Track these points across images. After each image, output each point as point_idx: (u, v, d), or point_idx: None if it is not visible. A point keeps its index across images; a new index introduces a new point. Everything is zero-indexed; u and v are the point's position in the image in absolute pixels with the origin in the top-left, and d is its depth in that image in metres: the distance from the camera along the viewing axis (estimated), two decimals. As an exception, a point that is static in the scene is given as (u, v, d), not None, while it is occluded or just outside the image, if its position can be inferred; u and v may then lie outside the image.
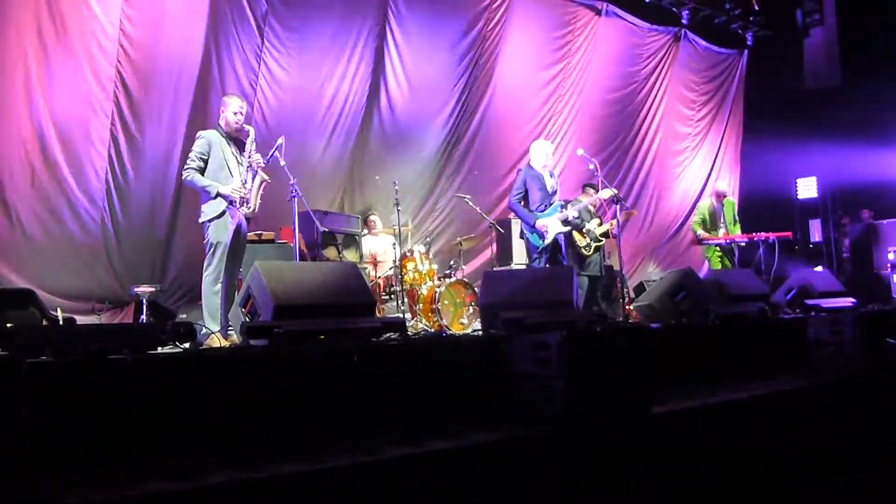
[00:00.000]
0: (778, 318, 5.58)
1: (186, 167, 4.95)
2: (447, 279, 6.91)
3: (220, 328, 4.76)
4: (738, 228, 8.28)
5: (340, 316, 3.59)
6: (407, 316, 6.62)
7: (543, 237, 6.28)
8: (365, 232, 7.93)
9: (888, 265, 9.39)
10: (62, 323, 4.12)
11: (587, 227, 7.54)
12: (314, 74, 7.91)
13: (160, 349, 3.13)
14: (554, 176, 6.63)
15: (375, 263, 7.51)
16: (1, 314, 3.33)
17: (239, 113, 5.10)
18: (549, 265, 6.26)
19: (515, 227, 7.76)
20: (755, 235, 7.96)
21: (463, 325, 6.69)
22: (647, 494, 3.19)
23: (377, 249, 7.74)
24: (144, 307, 6.30)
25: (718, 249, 8.16)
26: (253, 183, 5.02)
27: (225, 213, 4.86)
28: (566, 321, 4.07)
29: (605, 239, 7.65)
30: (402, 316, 6.14)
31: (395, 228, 7.14)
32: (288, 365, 3.05)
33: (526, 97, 9.74)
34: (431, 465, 2.67)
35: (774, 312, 5.67)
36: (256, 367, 2.99)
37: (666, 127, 11.29)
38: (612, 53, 10.45)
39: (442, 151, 9.03)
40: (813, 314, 5.48)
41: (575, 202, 7.11)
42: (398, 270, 7.07)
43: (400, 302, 7.03)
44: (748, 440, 3.78)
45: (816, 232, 11.54)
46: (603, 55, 10.33)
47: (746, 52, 12.01)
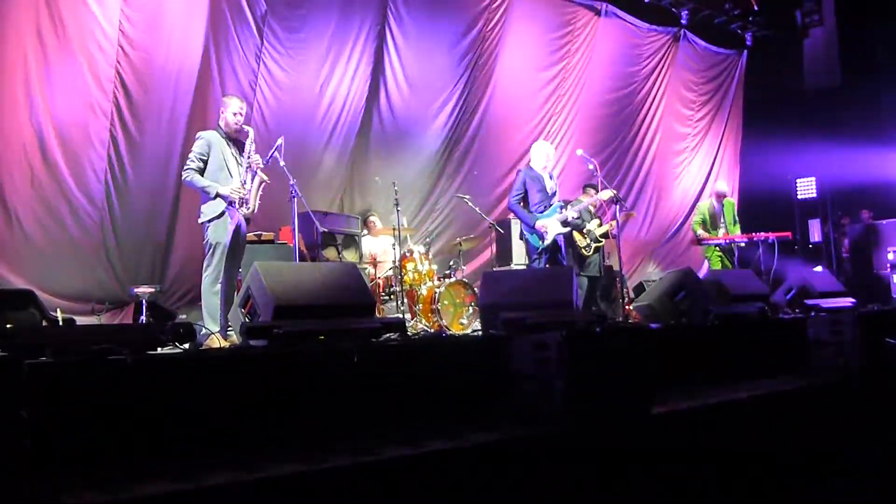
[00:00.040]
0: (778, 318, 5.58)
1: (186, 168, 4.96)
2: (447, 279, 6.91)
3: (219, 328, 4.77)
4: (737, 229, 8.29)
5: (340, 316, 3.59)
6: (407, 316, 6.62)
7: (543, 238, 6.28)
8: (365, 232, 7.93)
9: (888, 265, 9.39)
10: (62, 323, 4.11)
11: (587, 227, 7.55)
12: (314, 75, 7.91)
13: (160, 350, 3.13)
14: (553, 177, 6.64)
15: (375, 264, 7.51)
16: (1, 315, 3.33)
17: (238, 114, 5.11)
18: (548, 266, 6.26)
19: (515, 227, 7.76)
20: (755, 235, 7.97)
21: (463, 325, 6.70)
22: (647, 494, 3.19)
23: (377, 250, 7.74)
24: (144, 308, 6.30)
25: (718, 249, 8.17)
26: (252, 183, 5.03)
27: (224, 213, 4.87)
28: (566, 321, 4.07)
29: (604, 240, 7.65)
30: (401, 316, 6.14)
31: (394, 229, 7.14)
32: (288, 365, 3.05)
33: (526, 97, 9.74)
34: (431, 465, 2.67)
35: (774, 312, 5.67)
36: (256, 367, 2.99)
37: (665, 127, 11.29)
38: (611, 54, 10.45)
39: (442, 151, 9.02)
40: (813, 314, 5.48)
41: (575, 202, 7.12)
42: (398, 271, 7.07)
43: (400, 302, 7.02)
44: (748, 440, 3.78)
45: (816, 232, 11.53)
46: (602, 55, 10.34)
47: (746, 52, 12.02)
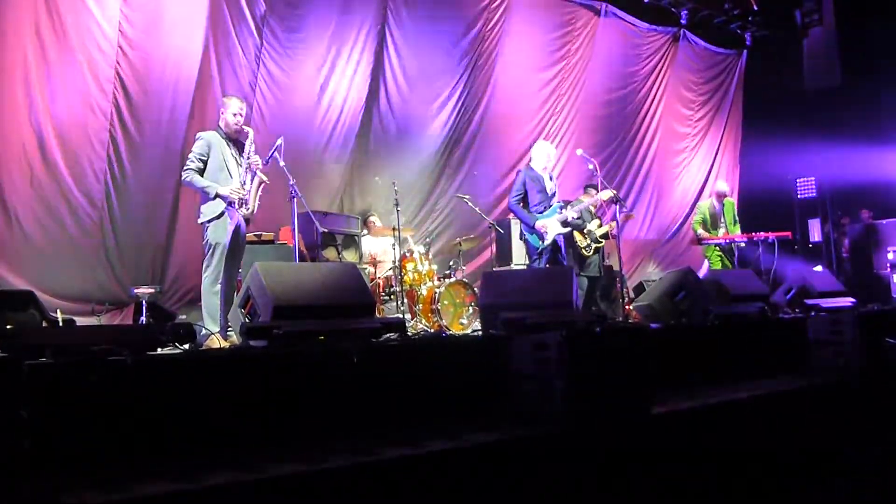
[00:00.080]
0: (778, 318, 5.58)
1: (186, 168, 4.97)
2: (447, 279, 6.91)
3: (219, 329, 4.77)
4: (737, 229, 8.29)
5: (340, 316, 3.59)
6: (406, 316, 6.62)
7: (543, 238, 6.27)
8: (364, 232, 7.93)
9: (888, 265, 9.39)
10: (62, 324, 4.11)
11: (588, 227, 7.54)
12: (313, 75, 7.90)
13: (160, 350, 3.13)
14: (553, 178, 6.64)
15: (375, 264, 7.51)
16: (1, 315, 3.33)
17: (238, 114, 5.11)
18: (549, 266, 6.26)
19: (515, 227, 7.76)
20: (755, 235, 7.97)
21: (463, 325, 6.70)
22: (647, 494, 3.19)
23: (377, 250, 7.74)
24: (144, 308, 6.30)
25: (718, 249, 8.17)
26: (252, 184, 5.03)
27: (224, 213, 4.87)
28: (566, 321, 4.07)
29: (604, 240, 7.65)
30: (401, 316, 6.14)
31: (394, 229, 7.14)
32: (287, 365, 3.05)
33: (525, 97, 9.73)
34: (431, 465, 2.67)
35: (774, 312, 5.66)
36: (256, 367, 2.99)
37: (665, 127, 11.29)
38: (611, 54, 10.45)
39: (442, 151, 9.02)
40: (813, 314, 5.48)
41: (575, 203, 7.12)
42: (398, 271, 7.06)
43: (399, 302, 7.02)
44: (748, 440, 3.78)
45: (816, 232, 11.53)
46: (602, 55, 10.33)
47: (745, 52, 12.01)
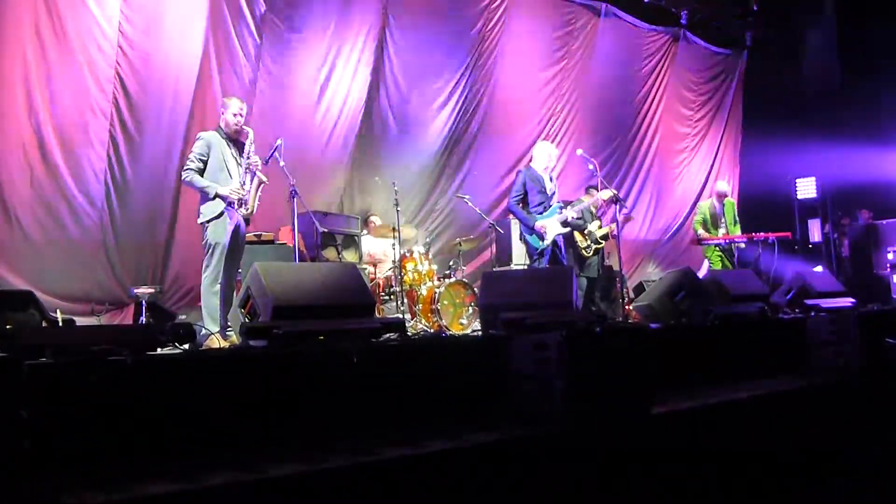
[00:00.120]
0: (777, 318, 5.58)
1: (186, 168, 4.98)
2: (447, 279, 6.91)
3: (219, 329, 4.77)
4: (738, 229, 8.30)
5: (340, 316, 3.58)
6: (406, 316, 6.62)
7: (543, 238, 6.27)
8: (364, 232, 7.93)
9: (888, 265, 9.39)
10: (62, 324, 4.11)
11: (589, 228, 7.54)
12: (313, 75, 7.91)
13: (160, 350, 3.13)
14: (553, 179, 6.63)
15: (375, 264, 7.51)
16: (1, 315, 3.33)
17: (239, 114, 5.12)
18: (549, 266, 6.26)
19: (515, 227, 7.75)
20: (755, 235, 7.97)
21: (462, 325, 6.70)
22: (647, 494, 3.19)
23: (377, 250, 7.74)
24: (144, 308, 6.30)
25: (718, 249, 8.17)
26: (251, 184, 5.03)
27: (223, 213, 4.88)
28: (566, 321, 4.06)
29: (604, 242, 7.65)
30: (401, 316, 6.14)
31: (394, 229, 7.14)
32: (287, 365, 3.04)
33: (526, 97, 9.74)
34: (431, 465, 2.67)
35: (774, 312, 5.66)
36: (256, 367, 2.98)
37: (665, 127, 11.29)
38: (611, 54, 10.45)
39: (442, 151, 9.02)
40: (812, 314, 5.47)
41: (576, 203, 7.12)
42: (398, 271, 7.06)
43: (399, 302, 7.02)
44: (748, 440, 3.77)
45: (816, 232, 11.52)
46: (602, 55, 10.33)
47: (746, 52, 12.01)
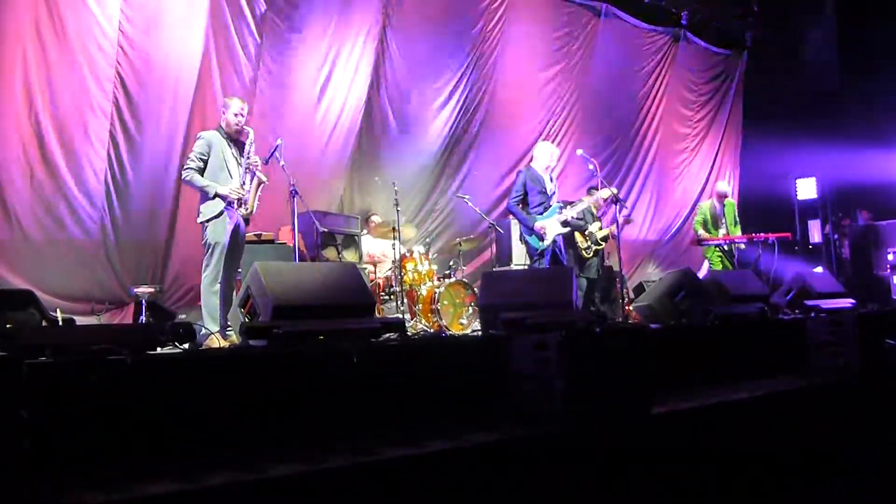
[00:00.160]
0: (777, 318, 5.58)
1: (186, 167, 4.98)
2: (447, 279, 6.91)
3: (219, 329, 4.77)
4: (738, 230, 8.30)
5: (340, 316, 3.58)
6: (406, 316, 6.62)
7: (542, 239, 6.27)
8: (364, 232, 7.93)
9: (887, 266, 9.39)
10: (62, 324, 4.12)
11: (590, 229, 7.53)
12: (313, 75, 7.90)
13: (160, 350, 3.13)
14: (554, 179, 6.63)
15: (375, 263, 7.50)
16: (1, 315, 3.33)
17: (239, 114, 5.12)
18: (549, 266, 6.26)
19: (515, 228, 7.75)
20: (755, 236, 7.97)
21: (462, 325, 6.70)
22: (647, 494, 3.19)
23: (377, 250, 7.74)
24: (144, 308, 6.30)
25: (718, 250, 8.17)
26: (251, 184, 5.03)
27: (223, 213, 4.88)
28: (566, 321, 4.07)
29: (604, 243, 7.65)
30: (401, 316, 6.14)
31: (394, 229, 7.13)
32: (287, 365, 3.04)
33: (526, 97, 9.73)
34: (431, 465, 2.67)
35: (774, 313, 5.66)
36: (256, 367, 2.98)
37: (665, 127, 11.28)
38: (611, 54, 10.44)
39: (442, 151, 9.02)
40: (812, 315, 5.48)
41: (576, 203, 7.11)
42: (398, 271, 7.06)
43: (399, 302, 7.02)
44: (748, 440, 3.78)
45: (816, 233, 11.52)
46: (602, 56, 10.33)
47: (746, 52, 12.01)
